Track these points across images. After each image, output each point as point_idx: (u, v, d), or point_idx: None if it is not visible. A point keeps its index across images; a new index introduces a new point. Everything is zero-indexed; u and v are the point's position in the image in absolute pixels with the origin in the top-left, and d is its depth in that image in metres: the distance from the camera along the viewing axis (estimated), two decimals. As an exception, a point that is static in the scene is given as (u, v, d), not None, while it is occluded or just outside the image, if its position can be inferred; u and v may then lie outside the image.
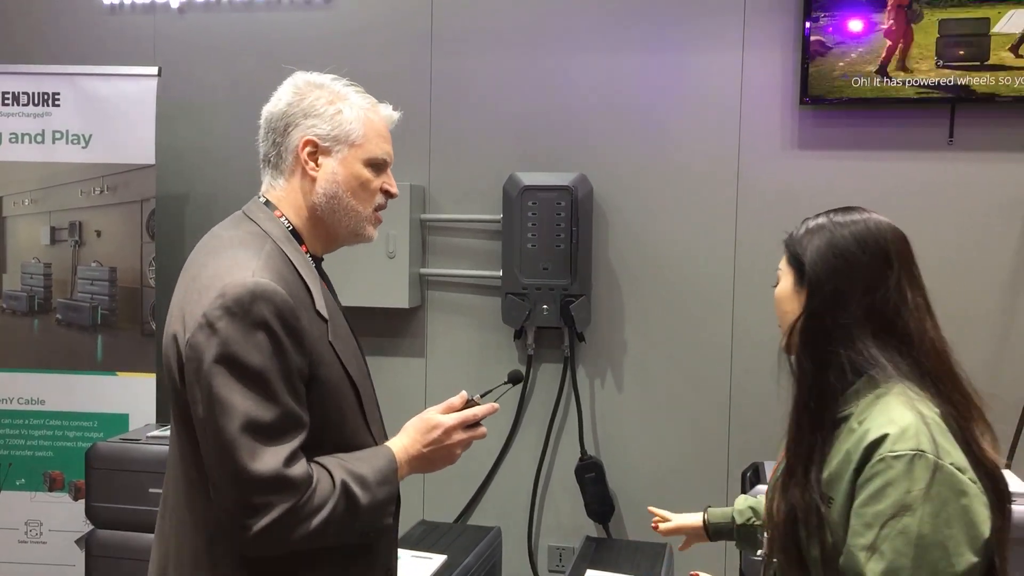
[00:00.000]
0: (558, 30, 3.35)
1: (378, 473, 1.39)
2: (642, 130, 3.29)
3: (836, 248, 1.43)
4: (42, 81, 3.41)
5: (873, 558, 1.25)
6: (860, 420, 1.34)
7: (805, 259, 1.44)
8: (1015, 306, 3.05)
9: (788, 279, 1.50)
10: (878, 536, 1.25)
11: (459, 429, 1.52)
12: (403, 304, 3.36)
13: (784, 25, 3.16)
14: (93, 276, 3.42)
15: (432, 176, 3.47)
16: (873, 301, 1.38)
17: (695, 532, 1.95)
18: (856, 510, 1.29)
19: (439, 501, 3.47)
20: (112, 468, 2.90)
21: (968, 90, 2.98)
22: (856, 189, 3.10)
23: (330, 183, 1.47)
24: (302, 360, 1.33)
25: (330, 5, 3.53)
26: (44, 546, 3.42)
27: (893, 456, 1.27)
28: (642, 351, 3.33)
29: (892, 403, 1.33)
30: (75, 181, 3.41)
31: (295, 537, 1.29)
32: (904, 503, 1.24)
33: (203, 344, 1.29)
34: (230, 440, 1.26)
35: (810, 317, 1.42)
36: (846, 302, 1.39)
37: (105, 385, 3.40)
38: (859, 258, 1.41)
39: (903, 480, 1.25)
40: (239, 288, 1.30)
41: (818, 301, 1.41)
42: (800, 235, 1.50)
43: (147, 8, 3.67)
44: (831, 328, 1.38)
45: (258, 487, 1.26)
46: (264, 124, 1.50)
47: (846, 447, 1.33)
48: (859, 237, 1.43)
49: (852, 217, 1.48)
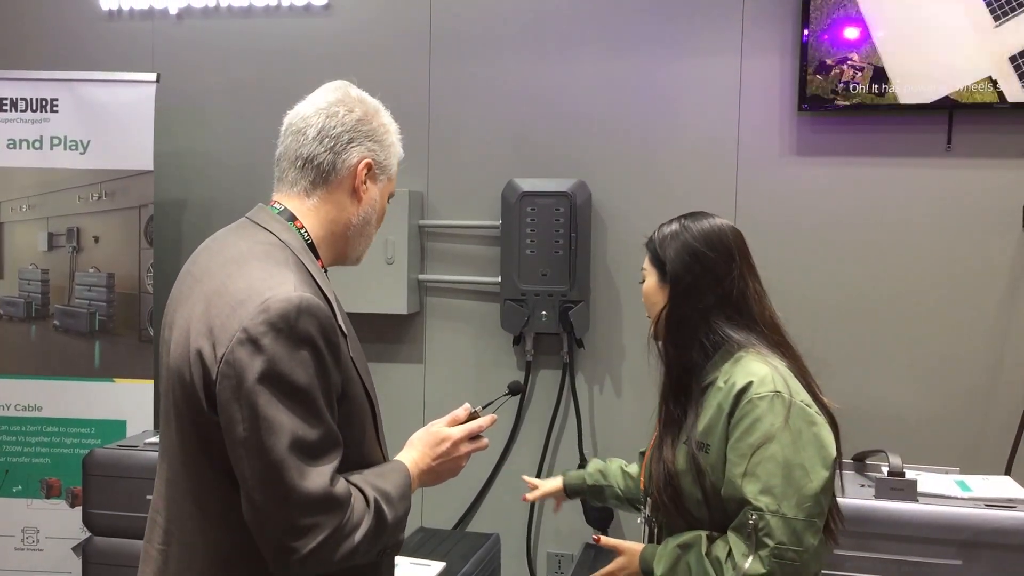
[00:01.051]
0: (557, 37, 3.35)
1: (399, 488, 1.38)
2: (640, 136, 3.30)
3: (689, 248, 1.70)
4: (40, 87, 3.41)
5: (749, 480, 1.52)
6: (725, 380, 1.61)
7: (665, 259, 1.71)
8: (1013, 313, 3.05)
9: (652, 277, 1.75)
10: (750, 462, 1.52)
11: (465, 441, 1.52)
12: (402, 310, 3.36)
13: (782, 32, 3.16)
14: (91, 282, 3.41)
15: (431, 182, 3.47)
16: (723, 290, 1.67)
17: (557, 493, 2.21)
18: (732, 445, 1.56)
19: (438, 508, 3.46)
20: (109, 475, 2.88)
21: (966, 97, 2.98)
22: (854, 196, 3.10)
23: (369, 208, 1.48)
24: (339, 377, 1.32)
25: (329, 12, 3.53)
26: (41, 553, 3.40)
27: (758, 397, 1.55)
28: (641, 357, 3.31)
29: (749, 361, 1.62)
30: (73, 187, 3.40)
31: (336, 557, 1.26)
32: (769, 434, 1.52)
33: (245, 361, 1.23)
34: (278, 460, 1.22)
35: (673, 307, 1.69)
36: (701, 293, 1.67)
37: (103, 392, 3.39)
38: (708, 256, 1.69)
39: (767, 416, 1.54)
40: (284, 303, 1.25)
41: (678, 294, 1.68)
42: (659, 238, 1.76)
43: (145, 14, 3.67)
44: (690, 315, 1.67)
45: (307, 508, 1.23)
46: (320, 126, 1.42)
47: (717, 400, 1.61)
48: (707, 238, 1.71)
49: (700, 222, 1.74)
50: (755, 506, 1.50)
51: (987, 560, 2.11)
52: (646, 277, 1.77)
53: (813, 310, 3.11)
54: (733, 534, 1.54)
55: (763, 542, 1.48)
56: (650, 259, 1.77)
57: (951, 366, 3.08)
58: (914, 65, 3.00)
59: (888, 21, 3.02)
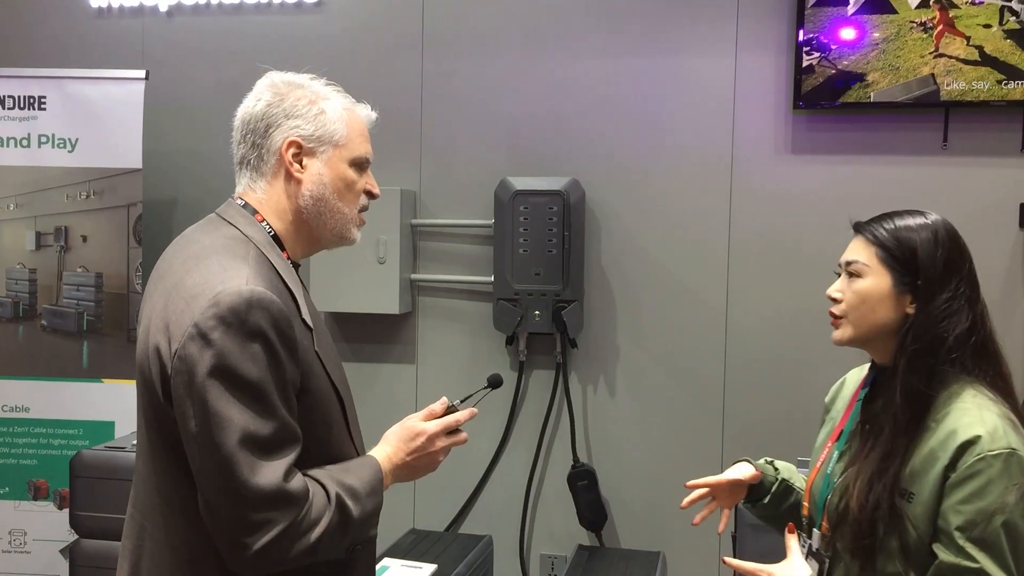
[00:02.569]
0: (550, 34, 3.33)
1: (367, 484, 1.36)
2: (634, 135, 3.28)
3: (945, 254, 1.43)
4: (28, 84, 3.37)
5: (984, 551, 1.32)
6: (936, 419, 1.40)
7: (919, 264, 1.43)
8: (1009, 312, 3.04)
9: (883, 279, 1.46)
10: (986, 531, 1.32)
11: (441, 436, 1.49)
12: (394, 310, 3.33)
13: (777, 30, 3.15)
14: (79, 282, 3.38)
15: (423, 181, 3.44)
16: (974, 311, 1.43)
17: (735, 488, 1.71)
18: (955, 507, 1.35)
19: (430, 509, 3.43)
20: (97, 476, 2.85)
21: (962, 95, 2.97)
22: (850, 194, 3.09)
23: (316, 185, 1.43)
24: (295, 371, 1.30)
25: (321, 9, 3.50)
26: (28, 556, 3.37)
27: (992, 455, 1.34)
28: (635, 357, 3.31)
29: (970, 404, 1.39)
30: (61, 185, 3.37)
31: (293, 553, 1.26)
32: (1005, 499, 1.33)
33: (196, 356, 1.23)
34: (228, 455, 1.21)
35: (925, 328, 1.42)
36: (959, 313, 1.41)
37: (91, 392, 3.35)
38: (963, 265, 1.44)
39: (1002, 477, 1.33)
40: (234, 296, 1.25)
41: (936, 311, 1.42)
42: (897, 231, 1.47)
43: (135, 11, 3.64)
44: (946, 340, 1.41)
45: (258, 503, 1.22)
46: (241, 125, 1.45)
47: (928, 446, 1.39)
48: (958, 242, 1.45)
49: (943, 220, 1.48)
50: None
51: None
52: (866, 275, 1.48)
53: (808, 309, 3.09)
54: None
55: None
56: (879, 256, 1.47)
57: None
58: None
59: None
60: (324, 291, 3.32)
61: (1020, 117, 3.00)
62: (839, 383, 1.75)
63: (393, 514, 3.63)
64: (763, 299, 3.16)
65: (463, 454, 3.56)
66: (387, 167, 3.41)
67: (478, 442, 3.39)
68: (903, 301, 1.45)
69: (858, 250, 1.51)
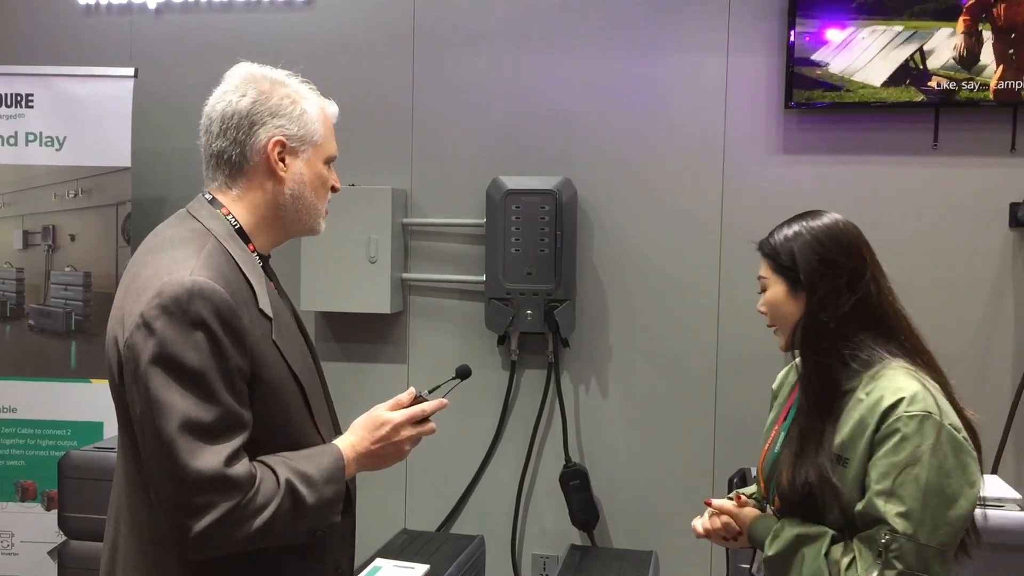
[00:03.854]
0: (542, 33, 3.32)
1: (324, 471, 1.37)
2: (626, 134, 3.27)
3: (819, 251, 1.61)
4: (15, 82, 3.35)
5: (891, 501, 1.46)
6: (867, 391, 1.54)
7: (798, 266, 1.61)
8: (999, 311, 3.05)
9: (779, 286, 1.66)
10: (894, 483, 1.46)
11: (408, 425, 1.49)
12: (385, 309, 3.32)
13: (769, 30, 3.15)
14: (67, 281, 3.35)
15: (414, 180, 3.43)
16: (857, 296, 1.59)
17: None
18: (874, 462, 1.49)
19: (421, 509, 3.42)
20: (85, 477, 2.83)
21: (952, 95, 2.98)
22: (841, 194, 3.09)
23: (298, 184, 1.46)
24: (243, 359, 1.31)
25: (311, 6, 3.49)
26: (16, 558, 3.34)
27: (908, 416, 1.48)
28: (627, 356, 3.30)
29: (896, 374, 1.54)
30: (49, 184, 3.34)
31: (237, 538, 1.28)
32: (915, 455, 1.46)
33: (140, 344, 1.28)
34: (169, 440, 1.24)
35: (811, 317, 1.60)
36: (838, 300, 1.58)
37: (79, 393, 3.33)
38: (840, 259, 1.61)
39: (915, 436, 1.47)
40: (176, 287, 1.28)
41: (815, 303, 1.60)
42: (779, 242, 1.66)
43: (123, 8, 3.61)
44: (828, 324, 1.58)
45: (198, 487, 1.24)
46: (220, 120, 1.44)
47: (858, 414, 1.53)
48: (835, 238, 1.63)
49: (821, 220, 1.66)
50: (891, 527, 1.46)
51: (976, 559, 2.10)
52: (768, 286, 1.68)
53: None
54: (861, 544, 1.50)
55: (891, 563, 1.45)
56: (771, 267, 1.67)
57: (937, 365, 3.07)
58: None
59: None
60: (315, 290, 3.31)
61: (1010, 117, 3.01)
62: (786, 370, 1.88)
63: (385, 514, 3.63)
64: (755, 299, 3.15)
65: (455, 454, 3.57)
66: (378, 166, 3.40)
67: (470, 442, 3.38)
68: (800, 300, 1.63)
69: (762, 265, 1.71)
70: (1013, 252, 3.04)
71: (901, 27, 3.01)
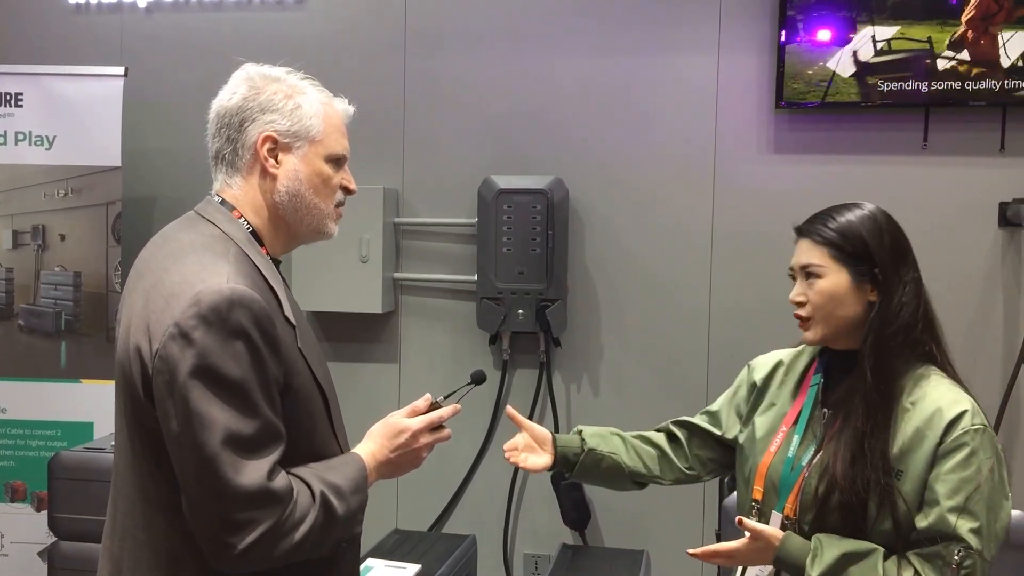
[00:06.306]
0: (534, 33, 3.32)
1: (351, 482, 1.36)
2: (618, 134, 3.27)
3: (893, 238, 1.54)
4: (5, 81, 3.33)
5: (963, 517, 1.43)
6: (912, 400, 1.49)
7: (872, 255, 1.52)
8: (989, 310, 3.06)
9: (840, 275, 1.55)
10: (967, 499, 1.43)
11: (425, 432, 1.49)
12: (376, 309, 3.31)
13: (759, 30, 3.15)
14: (57, 281, 3.34)
15: (406, 179, 3.42)
16: (919, 290, 1.54)
17: (542, 442, 1.87)
18: (940, 476, 1.45)
19: (413, 509, 3.42)
20: (76, 478, 2.82)
21: (942, 95, 2.99)
22: (831, 193, 3.06)
23: (292, 180, 1.41)
24: (278, 369, 1.29)
25: (302, 5, 3.48)
26: (5, 559, 3.33)
27: (975, 429, 1.46)
28: (619, 356, 3.31)
29: (940, 384, 1.51)
30: (38, 183, 3.33)
31: (278, 552, 1.25)
32: (982, 472, 1.45)
33: (177, 356, 1.22)
34: (211, 455, 1.20)
35: (884, 313, 1.52)
36: (912, 294, 1.53)
37: (69, 393, 3.31)
38: (910, 252, 1.55)
39: (981, 451, 1.45)
40: (215, 295, 1.23)
41: (889, 298, 1.52)
42: (843, 226, 1.55)
43: (113, 7, 3.60)
44: (904, 323, 1.51)
45: (243, 503, 1.21)
46: (215, 119, 1.42)
47: (914, 425, 1.48)
48: (899, 229, 1.56)
49: (879, 211, 1.58)
50: (967, 543, 1.42)
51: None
52: (825, 275, 1.55)
53: (790, 308, 3.10)
54: (923, 561, 1.44)
55: None
56: (832, 255, 1.55)
57: (927, 364, 3.08)
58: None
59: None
60: (306, 290, 3.30)
61: (1000, 117, 3.02)
62: (773, 364, 1.79)
63: (376, 514, 3.61)
64: (746, 297, 3.17)
65: (446, 454, 3.55)
66: (370, 165, 3.39)
67: (461, 441, 3.38)
68: (864, 291, 1.54)
69: (809, 252, 1.59)
70: (1002, 251, 3.05)
71: (891, 27, 3.02)
